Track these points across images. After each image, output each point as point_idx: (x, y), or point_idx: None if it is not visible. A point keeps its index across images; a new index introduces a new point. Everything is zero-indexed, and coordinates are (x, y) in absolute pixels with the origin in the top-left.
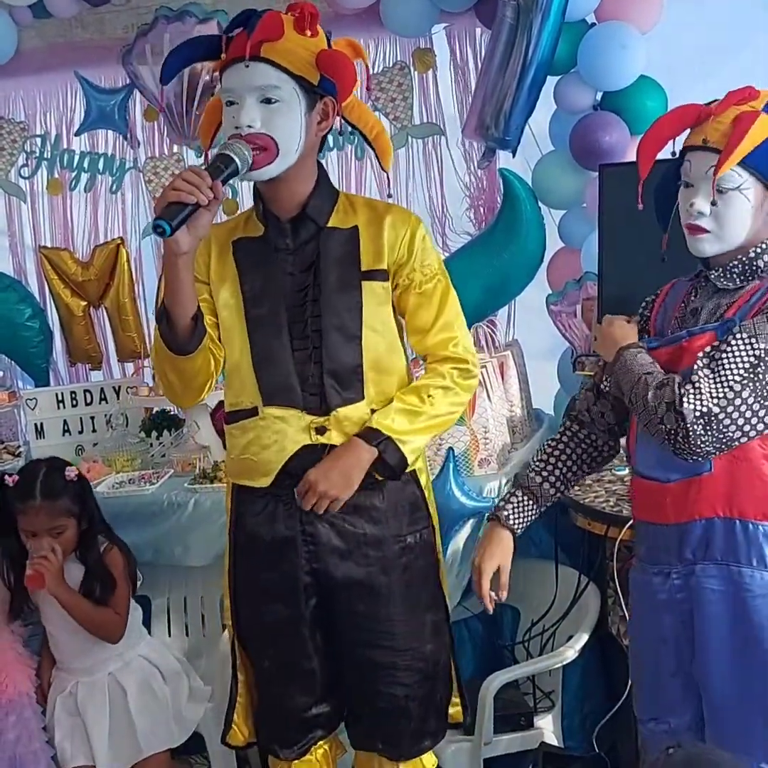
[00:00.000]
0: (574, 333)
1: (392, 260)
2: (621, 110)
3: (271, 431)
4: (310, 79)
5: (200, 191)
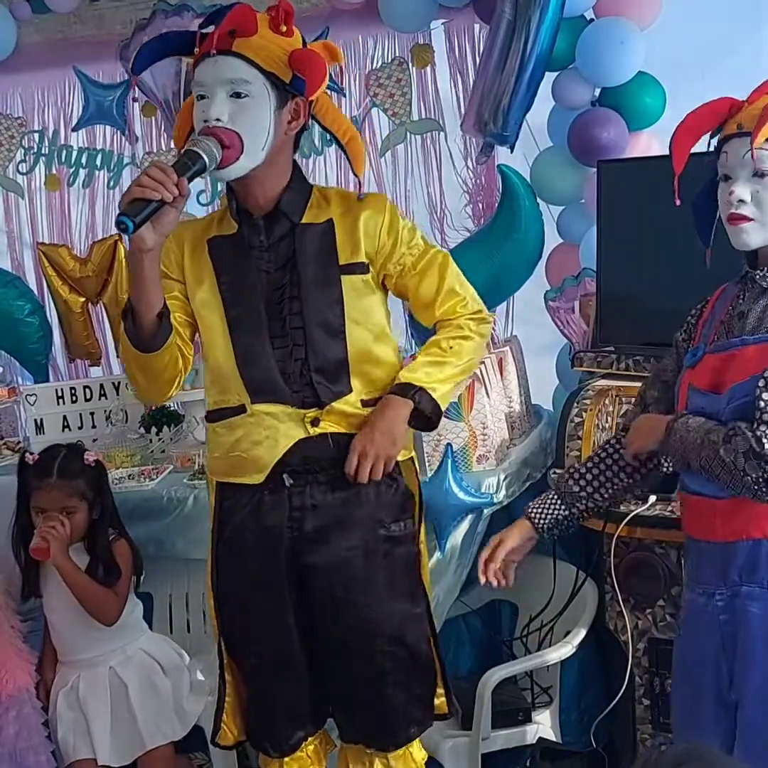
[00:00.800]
0: (572, 329)
1: (373, 250)
2: (619, 106)
3: (262, 428)
4: (281, 77)
5: (165, 188)
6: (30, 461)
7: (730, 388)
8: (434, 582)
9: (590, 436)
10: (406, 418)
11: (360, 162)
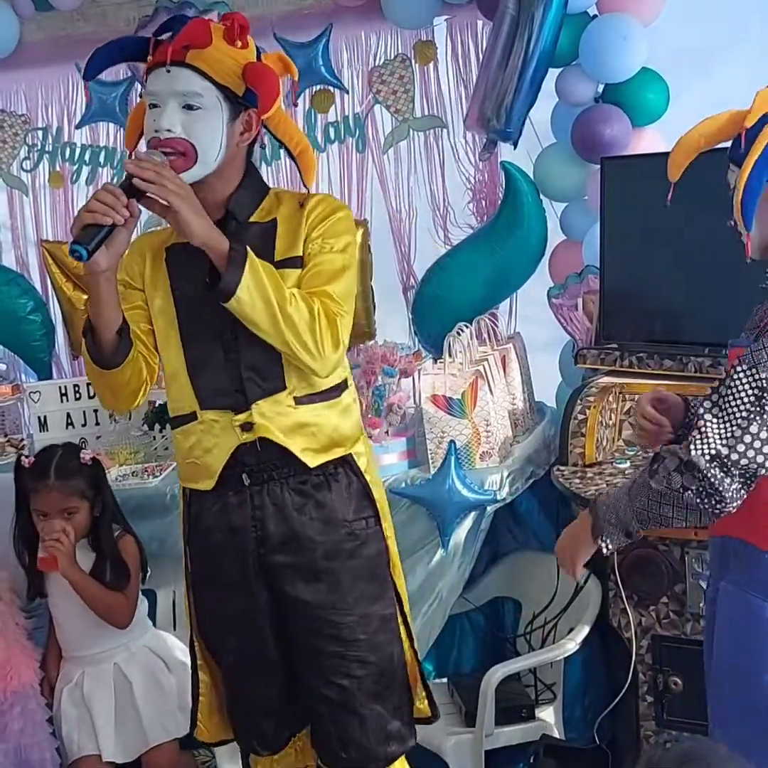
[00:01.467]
0: (575, 326)
1: (306, 243)
2: (623, 102)
3: (211, 435)
4: (234, 90)
5: (115, 211)
6: (26, 464)
7: None
8: (437, 579)
9: (594, 433)
10: (215, 240)
11: (310, 174)
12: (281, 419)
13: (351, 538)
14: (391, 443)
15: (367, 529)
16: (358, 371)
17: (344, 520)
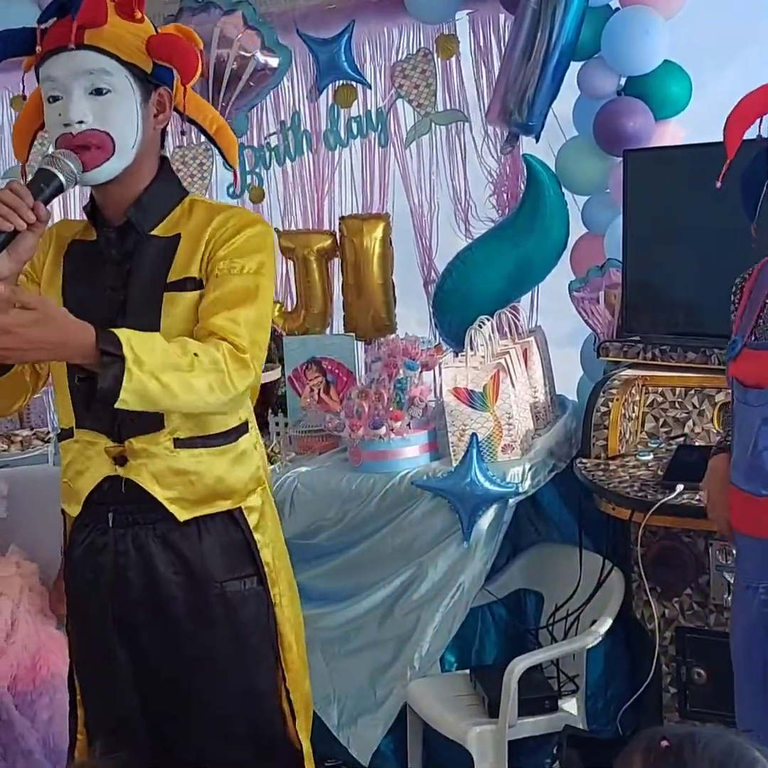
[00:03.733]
0: (597, 320)
1: (206, 261)
2: (645, 95)
3: (84, 457)
4: (142, 67)
5: (20, 214)
6: None
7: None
8: (459, 571)
9: (616, 425)
10: (67, 360)
11: (233, 153)
12: (154, 462)
13: (220, 601)
14: (412, 436)
15: (243, 591)
16: (379, 364)
17: (214, 579)
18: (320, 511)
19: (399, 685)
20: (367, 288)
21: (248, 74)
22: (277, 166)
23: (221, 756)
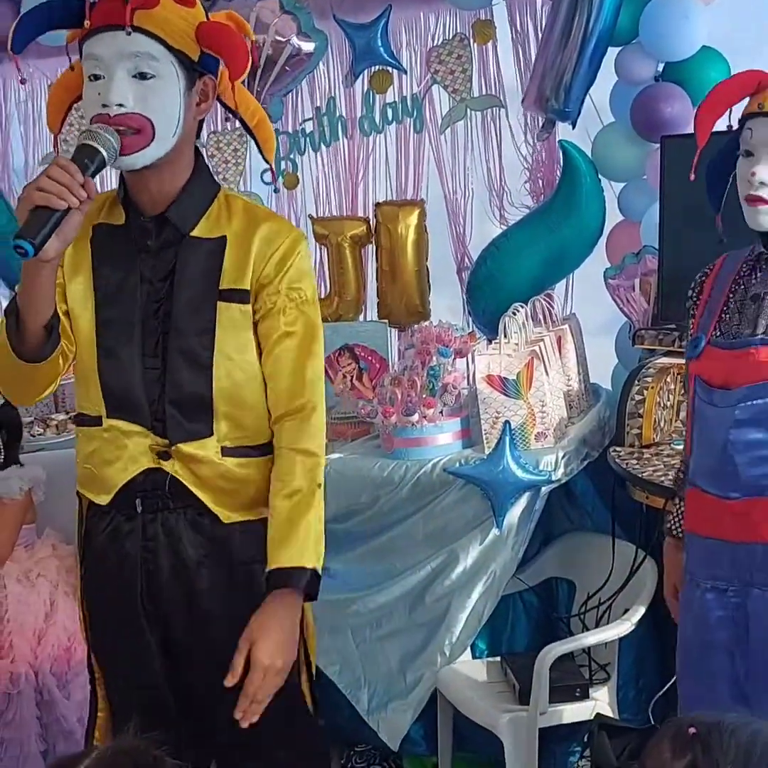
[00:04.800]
0: (632, 307)
1: (255, 277)
2: (683, 81)
3: (114, 446)
4: (189, 54)
5: (72, 192)
6: None
7: (743, 387)
8: (491, 558)
9: (651, 414)
10: (296, 618)
11: (270, 146)
12: (200, 467)
13: (249, 583)
14: (445, 423)
15: None
16: (412, 351)
17: (242, 562)
18: (352, 496)
19: (429, 671)
20: (402, 275)
21: (284, 59)
22: (312, 152)
23: (254, 733)
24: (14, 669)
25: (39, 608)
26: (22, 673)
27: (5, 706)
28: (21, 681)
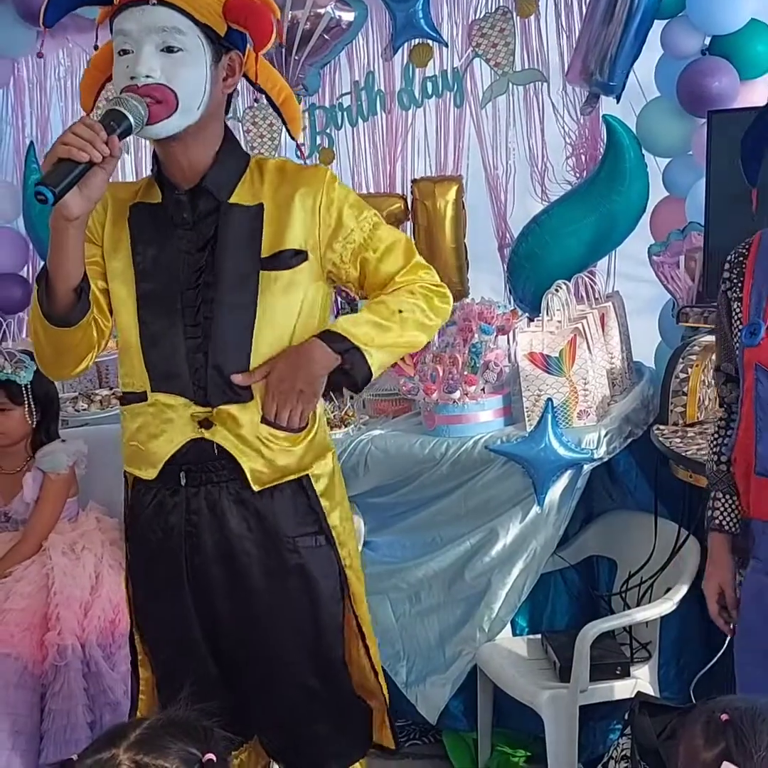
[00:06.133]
0: (676, 284)
1: (314, 232)
2: (730, 55)
3: (160, 420)
4: (216, 29)
5: (94, 146)
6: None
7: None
8: (532, 535)
9: (696, 392)
10: (328, 371)
11: (297, 124)
12: (241, 430)
13: (293, 555)
14: (487, 400)
15: (314, 547)
16: (454, 328)
17: (286, 534)
18: (394, 473)
19: (468, 647)
20: (440, 252)
21: (322, 28)
22: (349, 126)
23: (294, 706)
24: (61, 641)
25: (84, 581)
26: (68, 645)
27: (53, 677)
28: (68, 653)
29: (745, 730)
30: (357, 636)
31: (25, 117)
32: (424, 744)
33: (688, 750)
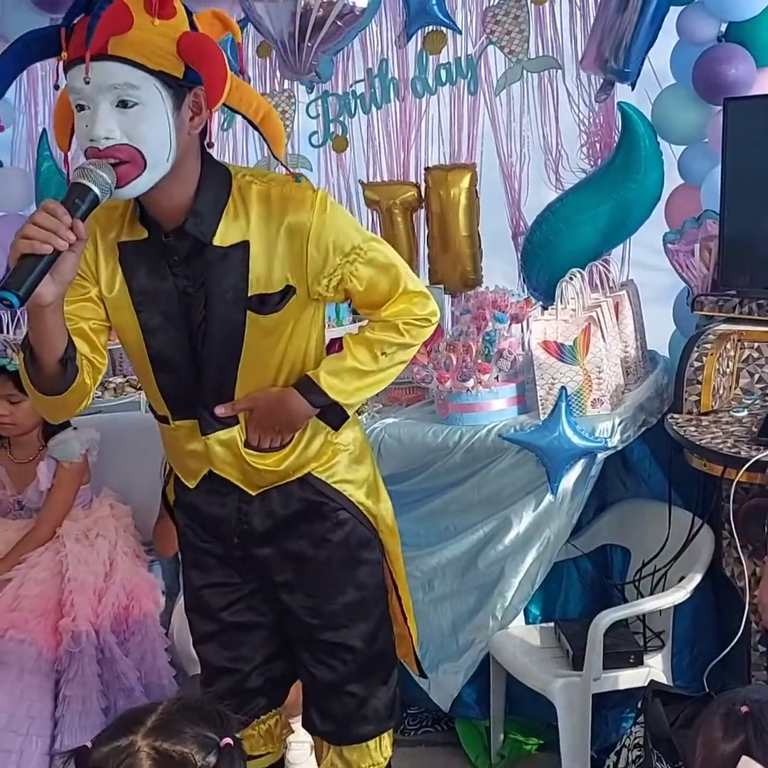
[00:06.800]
0: (691, 273)
1: (302, 269)
2: (747, 42)
3: (186, 441)
4: (172, 73)
5: (58, 236)
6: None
7: None
8: (545, 524)
9: (710, 381)
10: (305, 420)
11: (279, 143)
12: (228, 453)
13: (337, 527)
14: (500, 389)
15: (353, 518)
16: (468, 316)
17: (328, 509)
18: (407, 461)
19: (481, 635)
20: (452, 240)
21: (335, 14)
22: (362, 114)
23: (328, 659)
24: (76, 627)
25: (98, 568)
26: (83, 631)
27: (67, 663)
28: (82, 639)
29: (765, 723)
30: (392, 588)
31: (38, 105)
32: (436, 731)
33: (707, 742)
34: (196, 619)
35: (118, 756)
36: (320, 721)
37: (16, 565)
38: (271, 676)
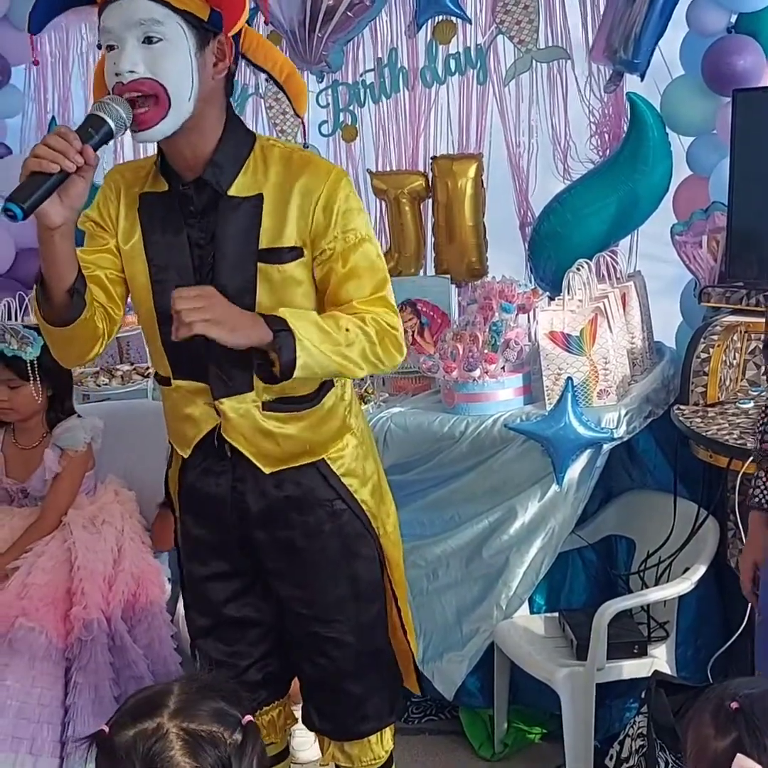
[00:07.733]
0: (698, 264)
1: (306, 230)
2: (757, 33)
3: (184, 404)
4: (197, 14)
5: (67, 157)
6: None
7: None
8: (550, 514)
9: (717, 372)
10: (253, 339)
11: (301, 101)
12: (242, 422)
13: (331, 518)
14: (507, 379)
15: (350, 509)
16: (474, 306)
17: (324, 498)
18: (413, 451)
19: (485, 624)
20: (458, 230)
21: (345, 5)
22: (372, 103)
23: (322, 655)
24: (87, 616)
25: (107, 555)
26: (94, 619)
27: (78, 651)
28: (94, 627)
29: (756, 719)
30: (391, 599)
31: (48, 92)
32: (440, 720)
33: (698, 738)
34: (195, 614)
35: (147, 740)
36: (318, 719)
37: (23, 554)
38: (269, 671)
